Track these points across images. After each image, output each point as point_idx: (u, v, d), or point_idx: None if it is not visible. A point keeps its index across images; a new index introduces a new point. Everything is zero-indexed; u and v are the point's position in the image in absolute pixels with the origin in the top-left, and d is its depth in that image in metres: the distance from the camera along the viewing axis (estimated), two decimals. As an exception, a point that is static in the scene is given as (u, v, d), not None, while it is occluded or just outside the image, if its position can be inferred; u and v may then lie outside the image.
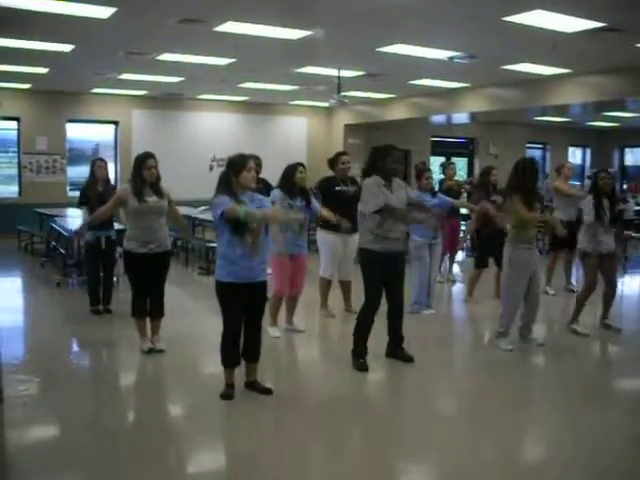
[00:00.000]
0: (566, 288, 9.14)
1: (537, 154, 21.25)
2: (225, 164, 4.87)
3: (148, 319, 6.10)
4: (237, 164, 4.76)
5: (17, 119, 14.48)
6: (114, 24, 7.87)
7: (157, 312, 6.10)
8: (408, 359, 5.86)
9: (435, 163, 15.78)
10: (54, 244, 10.94)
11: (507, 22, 7.54)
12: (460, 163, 19.53)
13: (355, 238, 6.48)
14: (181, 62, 10.52)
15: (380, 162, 5.59)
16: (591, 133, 21.50)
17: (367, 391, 5.53)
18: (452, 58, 9.84)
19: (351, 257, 7.29)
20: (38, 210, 12.50)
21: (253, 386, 5.03)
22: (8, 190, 14.90)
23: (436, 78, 12.13)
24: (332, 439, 4.43)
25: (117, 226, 7.82)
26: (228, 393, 4.90)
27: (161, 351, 6.05)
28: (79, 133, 15.51)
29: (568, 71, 10.85)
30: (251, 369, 5.05)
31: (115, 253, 8.00)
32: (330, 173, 7.35)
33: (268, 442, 4.32)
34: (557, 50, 8.83)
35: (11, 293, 9.34)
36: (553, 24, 7.64)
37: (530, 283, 6.28)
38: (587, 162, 22.39)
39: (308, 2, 7.16)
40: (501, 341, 6.39)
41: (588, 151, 22.55)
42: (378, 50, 9.39)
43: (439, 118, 15.59)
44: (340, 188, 7.13)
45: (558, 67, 10.59)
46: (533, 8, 7.06)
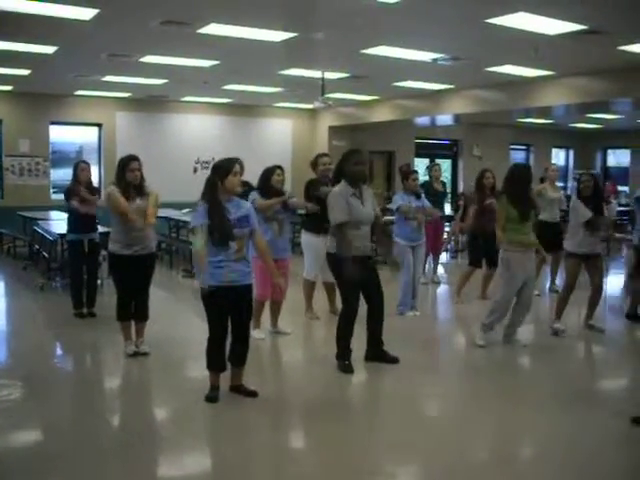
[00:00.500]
0: (551, 289, 9.21)
1: (521, 155, 21.37)
2: (211, 168, 4.86)
3: (133, 322, 6.08)
4: (223, 168, 4.76)
5: (-1, 121, 14.36)
6: (96, 25, 7.81)
7: (142, 315, 6.08)
8: (392, 360, 5.87)
9: (420, 165, 15.81)
10: (37, 247, 10.86)
11: (490, 24, 7.56)
12: (444, 165, 19.58)
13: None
14: (164, 64, 10.47)
15: (345, 165, 5.66)
16: (574, 135, 21.64)
17: (353, 393, 5.53)
18: (436, 60, 9.86)
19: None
20: (21, 213, 12.41)
21: (238, 389, 5.01)
22: (-10, 193, 14.75)
23: (420, 80, 12.16)
24: (318, 441, 4.42)
25: (101, 229, 7.79)
26: (213, 395, 4.89)
27: (145, 354, 6.03)
28: (62, 135, 15.36)
29: (551, 73, 10.90)
30: (237, 373, 5.03)
31: (99, 256, 7.96)
32: (313, 175, 7.36)
33: (253, 445, 4.30)
34: (540, 54, 8.88)
35: (-7, 297, 9.27)
36: (536, 26, 7.68)
37: (523, 286, 6.33)
38: (570, 163, 22.54)
39: (291, 4, 7.16)
40: (480, 334, 6.49)
41: (571, 152, 22.71)
42: (362, 52, 9.39)
43: (423, 120, 15.60)
44: (323, 189, 7.12)
45: (541, 69, 10.65)
46: (516, 10, 7.09)
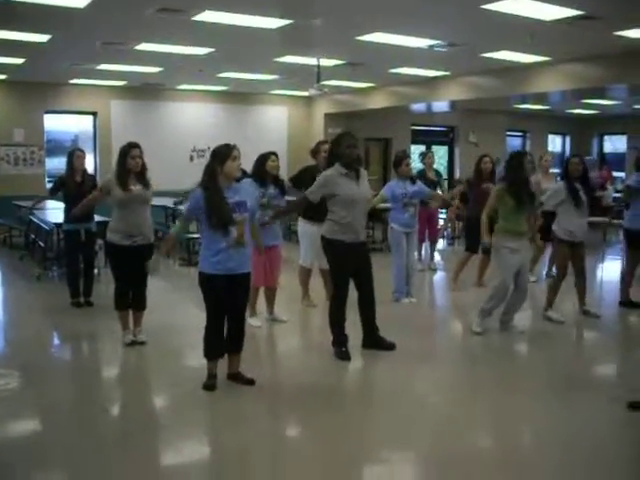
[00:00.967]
0: (548, 275, 9.23)
1: (517, 142, 21.35)
2: (210, 154, 4.85)
3: (130, 311, 6.08)
4: (222, 154, 4.75)
5: (-7, 111, 14.28)
6: (91, 13, 7.76)
7: (140, 304, 6.08)
8: (389, 347, 5.89)
9: (416, 151, 15.77)
10: (33, 237, 10.84)
11: (486, 10, 7.53)
12: (440, 151, 19.58)
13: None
14: (160, 52, 10.41)
15: (337, 149, 5.69)
16: (571, 121, 21.61)
17: (349, 380, 5.55)
18: (432, 46, 9.83)
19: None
20: (16, 203, 12.36)
21: (236, 377, 5.03)
22: (-15, 183, 14.68)
23: (416, 66, 12.11)
24: (315, 429, 4.43)
25: (97, 218, 7.77)
26: (211, 384, 4.90)
27: (143, 343, 6.03)
28: (57, 124, 15.27)
29: (547, 59, 10.87)
30: (234, 360, 5.04)
31: (95, 245, 7.95)
32: (311, 162, 7.35)
33: (251, 433, 4.32)
34: (535, 40, 8.85)
35: (-10, 287, 9.26)
36: (532, 12, 7.65)
37: (518, 275, 6.35)
38: (567, 150, 22.52)
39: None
40: (477, 321, 6.53)
41: (568, 139, 22.68)
42: (358, 39, 9.35)
43: (419, 106, 15.56)
44: None
45: (537, 55, 10.61)
46: (512, -4, 7.08)
